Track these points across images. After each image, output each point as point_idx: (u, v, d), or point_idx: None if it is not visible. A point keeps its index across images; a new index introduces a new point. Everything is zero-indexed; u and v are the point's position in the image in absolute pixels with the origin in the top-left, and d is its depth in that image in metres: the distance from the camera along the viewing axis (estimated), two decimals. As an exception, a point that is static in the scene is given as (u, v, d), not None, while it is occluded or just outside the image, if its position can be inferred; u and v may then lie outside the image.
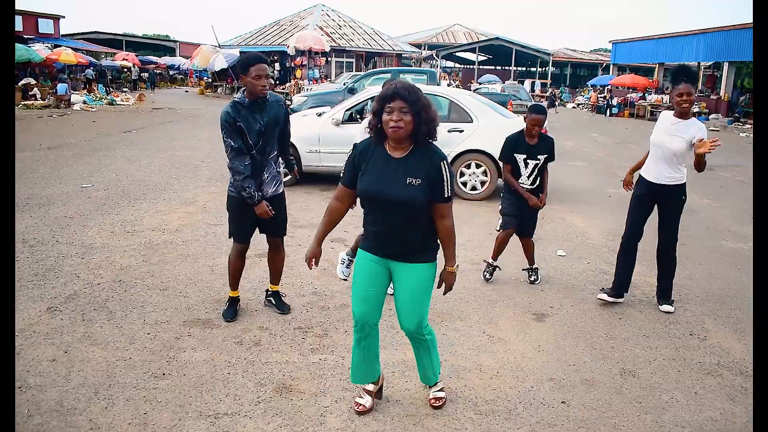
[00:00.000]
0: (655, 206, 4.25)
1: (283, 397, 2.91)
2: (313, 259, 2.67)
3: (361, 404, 2.79)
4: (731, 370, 3.42)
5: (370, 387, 2.84)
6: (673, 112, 4.12)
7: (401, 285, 2.61)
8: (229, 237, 3.84)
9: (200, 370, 3.13)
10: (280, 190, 3.74)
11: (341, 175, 2.64)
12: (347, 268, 4.26)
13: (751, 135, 19.53)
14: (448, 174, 2.49)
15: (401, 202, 2.46)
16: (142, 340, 3.44)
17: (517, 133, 4.49)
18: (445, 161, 2.50)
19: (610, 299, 4.29)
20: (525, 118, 4.44)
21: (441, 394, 2.88)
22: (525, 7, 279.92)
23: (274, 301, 3.98)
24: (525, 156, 4.44)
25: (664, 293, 4.29)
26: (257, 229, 3.79)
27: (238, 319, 3.79)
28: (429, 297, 2.65)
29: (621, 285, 4.32)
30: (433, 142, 2.52)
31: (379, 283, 2.65)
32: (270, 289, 4.02)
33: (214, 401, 2.84)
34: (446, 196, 2.50)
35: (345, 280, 4.25)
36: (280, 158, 3.80)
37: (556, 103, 29.94)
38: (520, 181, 4.49)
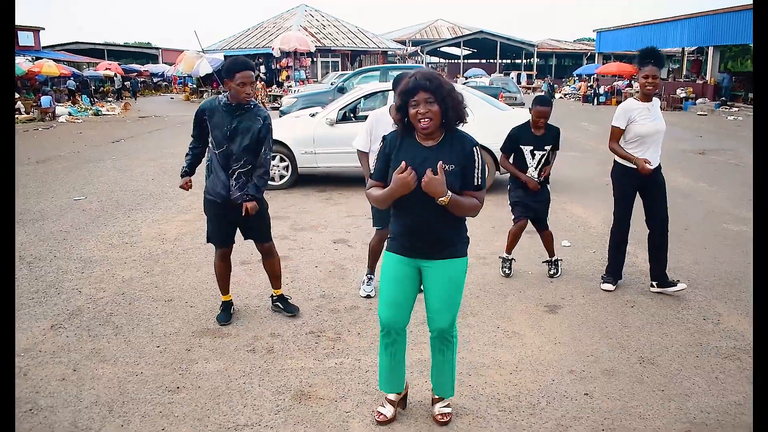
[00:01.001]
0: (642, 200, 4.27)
1: (302, 404, 2.85)
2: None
3: (382, 414, 2.69)
4: (748, 353, 3.39)
5: (393, 397, 2.72)
6: (632, 100, 4.18)
7: (434, 282, 2.51)
8: (207, 241, 3.80)
9: (215, 381, 3.06)
10: (257, 197, 3.62)
11: (372, 171, 2.54)
12: (368, 285, 4.23)
13: (740, 118, 19.68)
14: (480, 161, 2.43)
15: None
16: (152, 354, 3.36)
17: (522, 125, 4.46)
18: (477, 147, 2.43)
19: (614, 286, 4.36)
20: (530, 110, 4.41)
21: (448, 410, 2.72)
22: (522, 6, 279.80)
23: (281, 305, 3.92)
24: (532, 147, 4.40)
25: (666, 275, 4.28)
26: (242, 236, 3.78)
27: (248, 326, 3.72)
28: (462, 292, 2.57)
29: (618, 273, 4.44)
30: (463, 129, 2.45)
31: (408, 285, 2.54)
32: (274, 294, 3.96)
33: (232, 413, 2.77)
34: (478, 183, 2.43)
35: (369, 297, 4.20)
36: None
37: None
38: (528, 173, 4.45)
